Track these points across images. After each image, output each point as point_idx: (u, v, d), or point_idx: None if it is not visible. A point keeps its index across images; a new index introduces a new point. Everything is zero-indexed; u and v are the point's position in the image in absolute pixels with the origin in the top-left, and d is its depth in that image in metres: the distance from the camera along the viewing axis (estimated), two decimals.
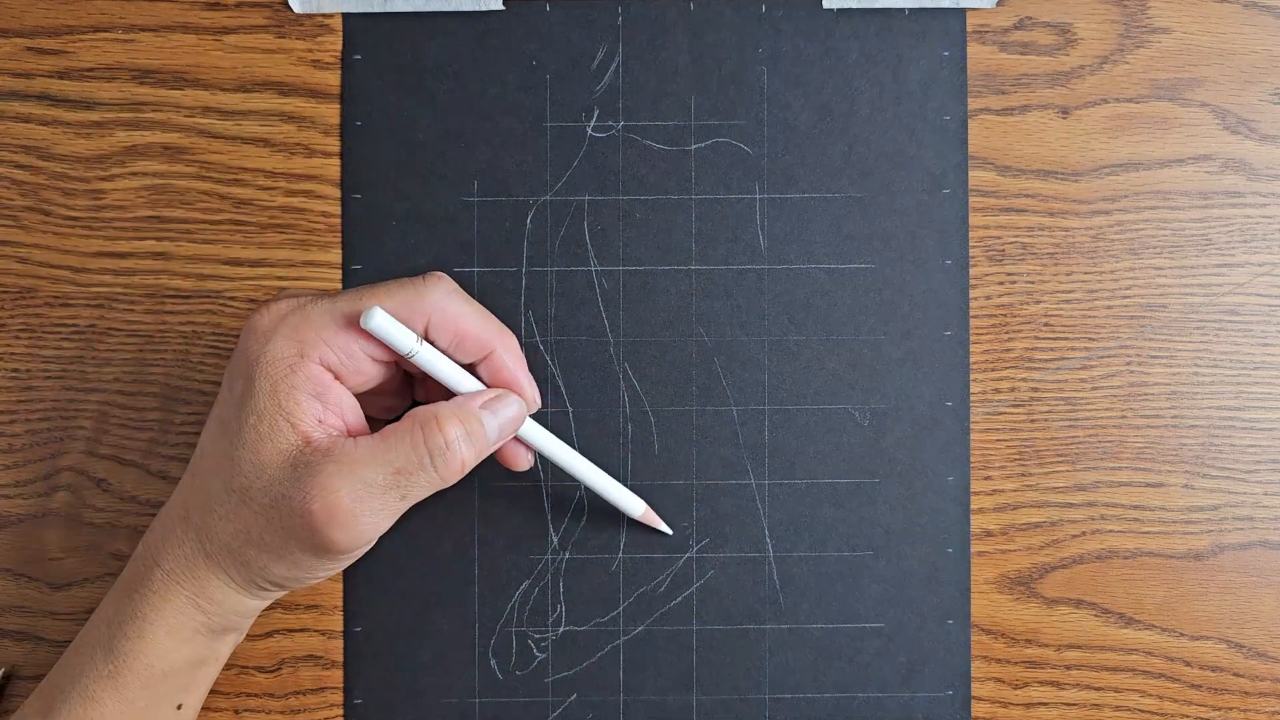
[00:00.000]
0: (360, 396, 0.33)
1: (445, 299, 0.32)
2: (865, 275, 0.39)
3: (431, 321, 0.32)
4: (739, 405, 0.39)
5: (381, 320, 0.31)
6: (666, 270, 0.39)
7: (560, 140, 0.39)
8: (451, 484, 0.32)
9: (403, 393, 0.36)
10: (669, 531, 0.38)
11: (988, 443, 0.39)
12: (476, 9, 0.39)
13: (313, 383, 0.31)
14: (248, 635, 0.38)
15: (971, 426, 0.39)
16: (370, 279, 0.38)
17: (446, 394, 0.33)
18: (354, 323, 0.31)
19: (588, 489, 0.38)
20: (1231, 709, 0.39)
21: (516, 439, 0.35)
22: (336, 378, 0.32)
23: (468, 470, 0.32)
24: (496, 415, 0.33)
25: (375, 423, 0.34)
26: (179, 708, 0.34)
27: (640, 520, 0.38)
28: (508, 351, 0.33)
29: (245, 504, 0.31)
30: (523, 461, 0.35)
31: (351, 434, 0.32)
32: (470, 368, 0.33)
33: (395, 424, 0.32)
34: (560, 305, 0.39)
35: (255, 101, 0.39)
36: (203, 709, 0.38)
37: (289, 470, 0.31)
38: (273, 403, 0.31)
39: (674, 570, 0.39)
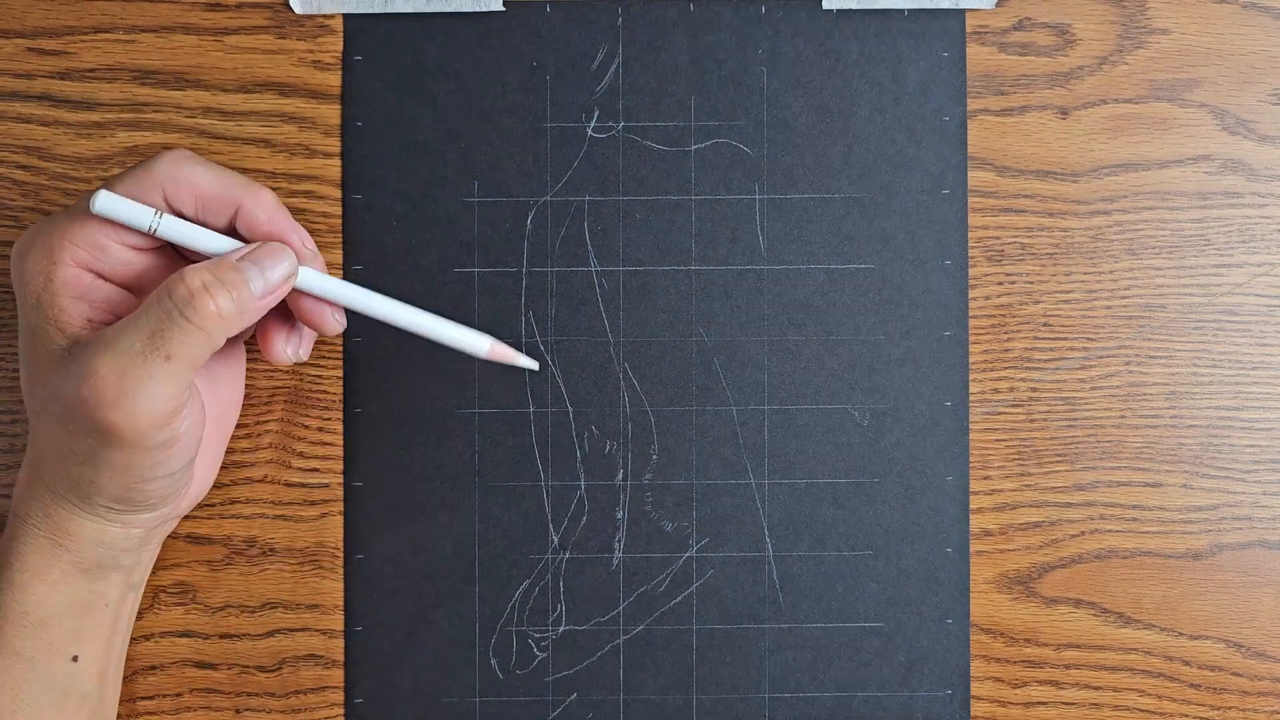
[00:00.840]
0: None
1: (174, 166, 0.31)
2: (865, 275, 0.39)
3: (167, 192, 0.31)
4: (739, 405, 0.39)
5: (106, 201, 0.30)
6: (666, 270, 0.39)
7: (560, 141, 0.39)
8: (221, 336, 0.30)
9: None
10: (531, 365, 0.35)
11: (987, 443, 0.39)
12: (477, 9, 0.39)
13: (72, 285, 0.31)
14: (249, 635, 0.38)
15: (970, 426, 0.39)
16: (371, 280, 0.38)
17: None
18: (93, 215, 0.31)
19: (423, 338, 0.34)
20: (1230, 708, 0.39)
21: (311, 296, 0.33)
22: (100, 276, 0.32)
23: (243, 320, 0.31)
24: (257, 264, 0.31)
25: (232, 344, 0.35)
26: (75, 659, 0.33)
27: (488, 358, 0.34)
28: (260, 205, 0.32)
29: (45, 421, 0.31)
30: (330, 321, 0.33)
31: None
32: (232, 233, 0.32)
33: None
34: (560, 305, 0.39)
35: (256, 102, 0.39)
36: (203, 708, 0.38)
37: (61, 371, 0.30)
38: (39, 315, 0.31)
39: (674, 570, 0.39)
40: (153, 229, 0.31)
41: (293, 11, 0.39)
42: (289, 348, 0.34)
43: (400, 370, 0.38)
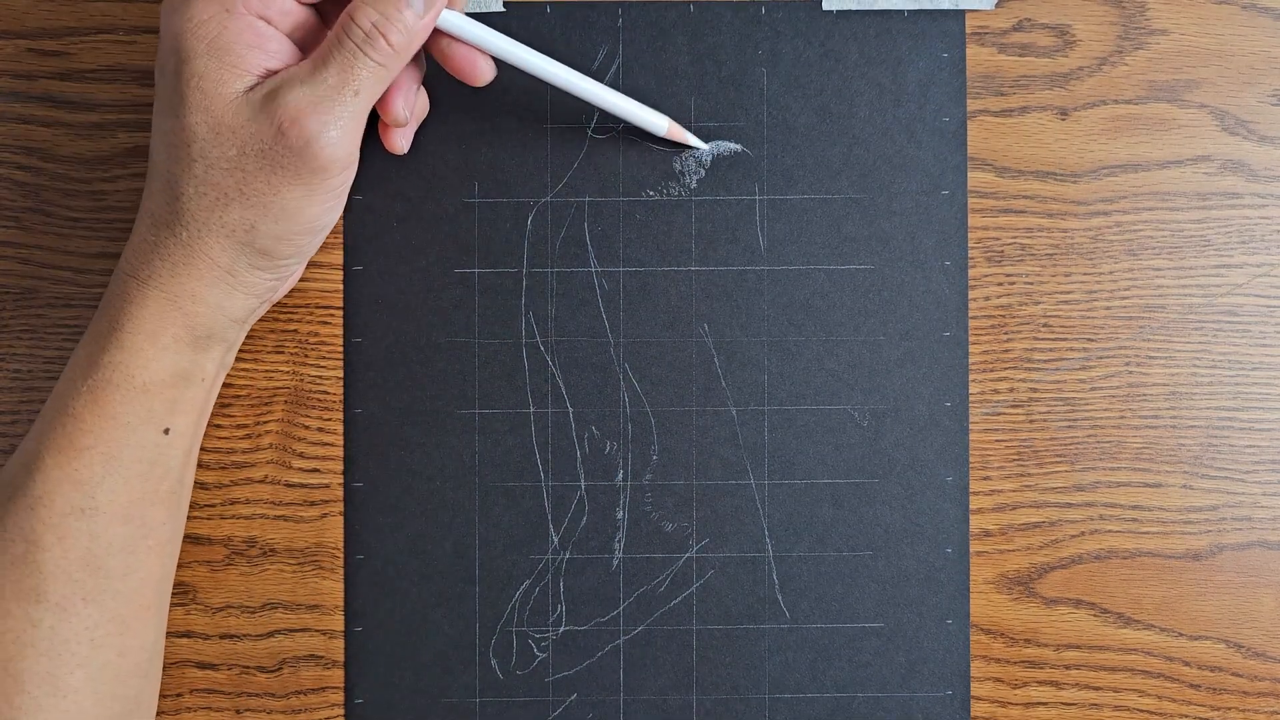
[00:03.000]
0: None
1: None
2: (864, 276, 0.39)
3: None
4: (739, 405, 0.39)
5: None
6: (666, 271, 0.39)
7: (561, 141, 0.39)
8: (398, 68, 0.32)
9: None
10: (702, 145, 0.38)
11: (986, 443, 0.39)
12: (477, 10, 0.39)
13: (247, 33, 0.32)
14: (249, 635, 0.38)
15: (970, 427, 0.39)
16: (372, 280, 0.38)
17: None
18: None
19: (602, 108, 0.37)
20: (1230, 709, 0.39)
21: (468, 44, 0.34)
22: (269, 23, 0.32)
23: (412, 45, 0.32)
24: None
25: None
26: (166, 432, 0.33)
27: (667, 136, 0.37)
28: None
29: (214, 167, 0.32)
30: (483, 69, 0.35)
31: None
32: None
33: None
34: (561, 306, 0.39)
35: None
36: (203, 708, 0.38)
37: (247, 110, 0.31)
38: (213, 60, 0.31)
39: (674, 570, 0.39)
40: None
41: None
42: (405, 109, 0.35)
43: (400, 370, 0.38)
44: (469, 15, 0.35)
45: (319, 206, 0.33)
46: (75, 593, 0.32)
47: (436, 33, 0.34)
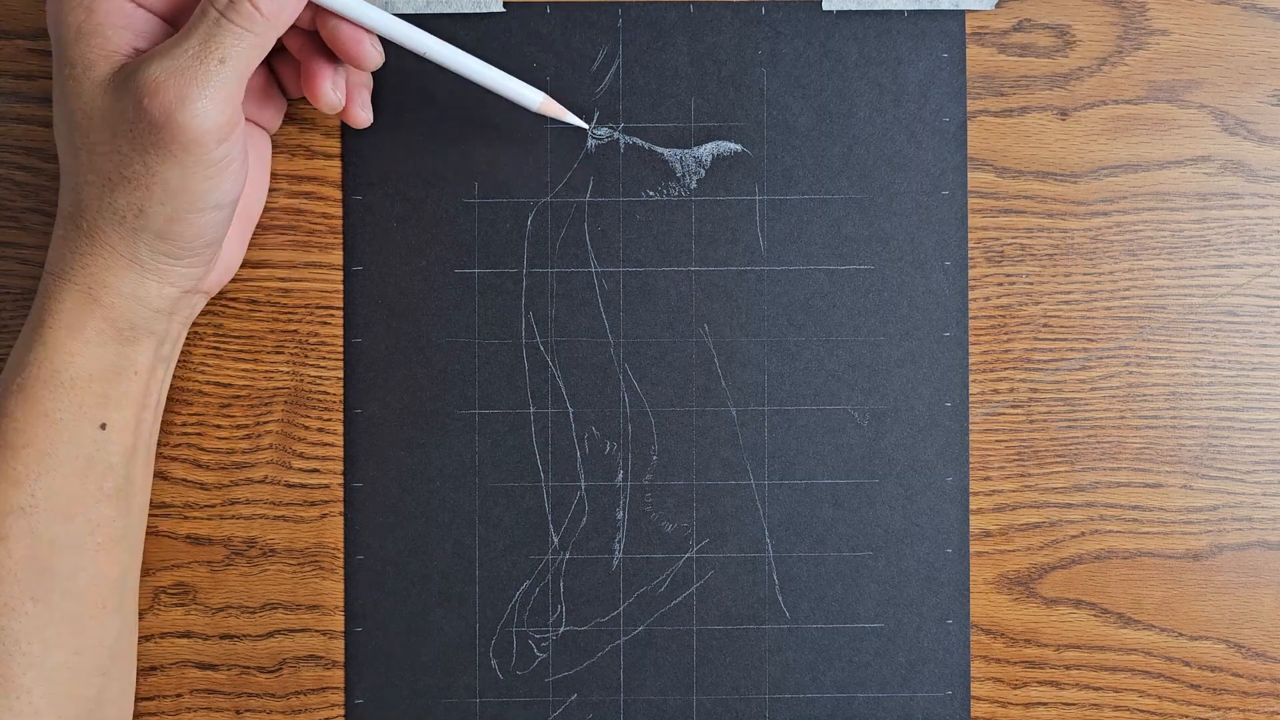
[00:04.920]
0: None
1: None
2: (865, 276, 0.39)
3: None
4: (739, 406, 0.39)
5: None
6: (666, 271, 0.39)
7: (561, 142, 0.39)
8: (270, 35, 0.32)
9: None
10: (580, 123, 0.37)
11: (987, 443, 0.39)
12: (477, 10, 0.39)
13: (114, 14, 0.32)
14: (249, 636, 0.38)
15: (970, 427, 0.39)
16: (372, 280, 0.38)
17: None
18: None
19: (472, 81, 0.35)
20: (1230, 709, 0.39)
21: (342, 18, 0.34)
22: (139, 5, 0.32)
23: (284, 12, 0.32)
24: None
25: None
26: (103, 427, 0.33)
27: (539, 112, 0.36)
28: None
29: (94, 152, 0.31)
30: (368, 51, 0.34)
31: None
32: None
33: None
34: (560, 306, 0.39)
35: None
36: (203, 709, 0.38)
37: (113, 92, 0.31)
38: (82, 45, 0.31)
39: (674, 570, 0.39)
40: None
41: None
42: (335, 92, 0.35)
43: (400, 371, 0.38)
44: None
45: (203, 182, 0.32)
46: (22, 592, 0.32)
47: (321, 12, 0.34)
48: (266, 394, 0.39)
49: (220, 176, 0.32)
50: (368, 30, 0.34)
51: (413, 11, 0.39)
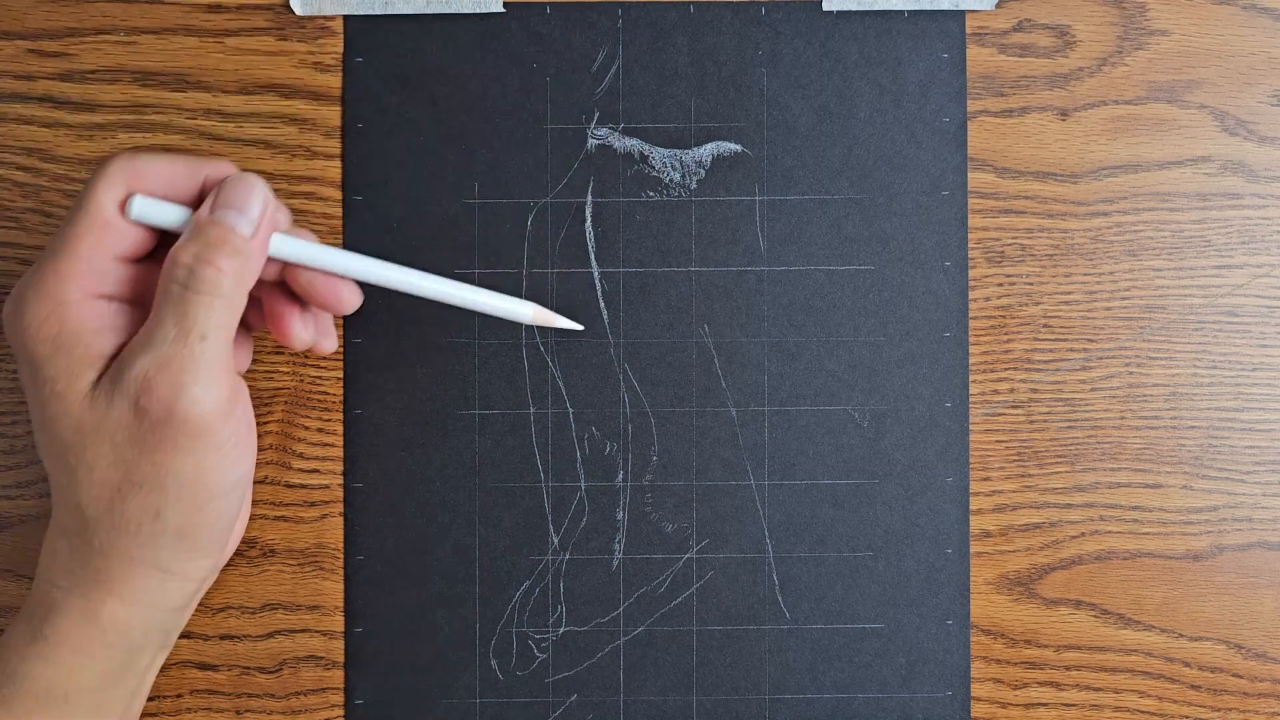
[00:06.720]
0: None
1: (130, 160, 0.30)
2: (865, 277, 0.39)
3: (133, 188, 0.30)
4: (739, 406, 0.39)
5: (143, 205, 0.30)
6: (666, 272, 0.39)
7: (560, 142, 0.39)
8: (240, 294, 0.30)
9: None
10: (577, 326, 0.37)
11: (987, 444, 0.39)
12: (477, 11, 0.39)
13: (89, 318, 0.30)
14: (249, 636, 0.38)
15: (971, 427, 0.39)
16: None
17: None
18: (84, 237, 0.29)
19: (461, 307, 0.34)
20: (1231, 710, 0.39)
21: (320, 272, 0.32)
22: (109, 299, 0.30)
23: (248, 269, 0.30)
24: (229, 206, 0.30)
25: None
26: None
27: (533, 323, 0.35)
28: (222, 170, 0.31)
29: (94, 467, 0.29)
30: (345, 296, 0.32)
31: None
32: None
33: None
34: (561, 307, 0.39)
35: (257, 104, 0.39)
36: (203, 709, 0.38)
37: (104, 401, 0.29)
38: (60, 361, 0.29)
39: (674, 571, 0.39)
40: (134, 215, 0.30)
41: (293, 13, 0.39)
42: (306, 331, 0.33)
43: (400, 371, 0.38)
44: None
45: (217, 464, 0.30)
46: None
47: (290, 267, 0.32)
48: (266, 394, 0.39)
49: (234, 453, 0.31)
50: (343, 278, 0.32)
51: (413, 11, 0.39)
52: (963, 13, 0.39)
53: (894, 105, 0.39)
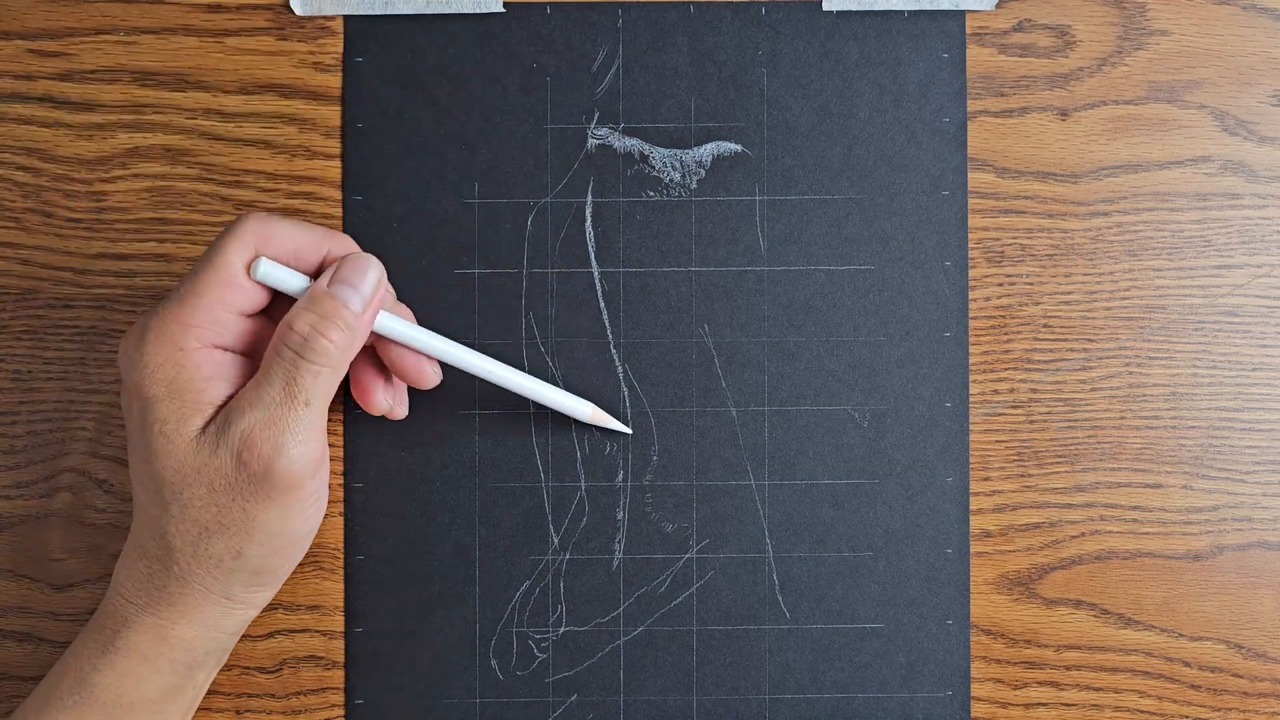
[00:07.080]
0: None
1: (263, 224, 0.32)
2: (865, 277, 0.39)
3: (261, 250, 0.33)
4: (739, 406, 0.39)
5: (268, 268, 0.32)
6: (667, 272, 0.39)
7: (561, 142, 0.39)
8: (345, 364, 0.32)
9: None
10: (627, 430, 0.38)
11: (987, 443, 0.39)
12: (477, 11, 0.39)
13: (205, 366, 0.32)
14: (250, 636, 0.38)
15: (971, 427, 0.39)
16: None
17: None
18: (210, 290, 0.32)
19: (529, 399, 0.37)
20: (1231, 710, 0.39)
21: (410, 350, 0.35)
22: (224, 349, 0.33)
23: (355, 342, 0.32)
24: (346, 282, 0.33)
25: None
26: None
27: (590, 422, 0.38)
28: (345, 245, 0.34)
29: (189, 505, 0.32)
30: (427, 373, 0.35)
31: None
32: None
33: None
34: (561, 307, 0.39)
35: (257, 104, 0.39)
36: (203, 709, 0.38)
37: (207, 448, 0.31)
38: (174, 403, 0.31)
39: (674, 571, 0.39)
40: (260, 275, 0.32)
41: (293, 13, 0.39)
42: (386, 400, 0.36)
43: None
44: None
45: (299, 515, 0.33)
46: None
47: (382, 340, 0.35)
48: None
49: (314, 506, 0.34)
50: (429, 357, 0.35)
51: (413, 11, 0.39)
52: (963, 13, 0.39)
53: (894, 105, 0.39)
